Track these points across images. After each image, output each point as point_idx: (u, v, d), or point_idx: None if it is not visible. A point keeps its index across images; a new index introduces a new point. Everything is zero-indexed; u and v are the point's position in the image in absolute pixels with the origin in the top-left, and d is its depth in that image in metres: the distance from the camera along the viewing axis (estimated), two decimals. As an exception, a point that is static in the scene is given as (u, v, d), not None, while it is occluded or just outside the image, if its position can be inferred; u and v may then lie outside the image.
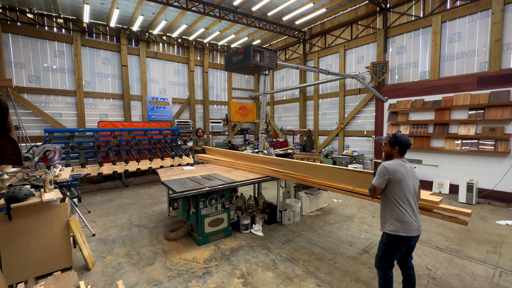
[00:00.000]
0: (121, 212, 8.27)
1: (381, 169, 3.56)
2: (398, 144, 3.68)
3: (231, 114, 18.27)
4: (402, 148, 3.68)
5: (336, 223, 7.21)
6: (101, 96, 13.09)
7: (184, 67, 16.09)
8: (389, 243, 3.58)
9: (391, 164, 3.56)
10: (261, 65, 7.40)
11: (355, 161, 12.70)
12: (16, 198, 4.24)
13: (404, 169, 3.58)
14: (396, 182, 3.51)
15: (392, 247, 3.58)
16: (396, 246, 3.56)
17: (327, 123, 15.04)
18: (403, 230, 3.48)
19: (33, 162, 5.92)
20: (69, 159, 9.74)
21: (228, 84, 18.25)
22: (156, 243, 6.13)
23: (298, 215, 7.42)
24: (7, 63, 10.86)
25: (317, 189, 8.27)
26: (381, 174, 3.55)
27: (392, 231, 3.52)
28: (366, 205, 8.71)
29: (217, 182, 6.20)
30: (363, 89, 12.96)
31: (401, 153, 3.71)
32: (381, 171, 3.56)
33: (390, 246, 3.58)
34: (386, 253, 3.63)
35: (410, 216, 3.50)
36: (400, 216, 3.50)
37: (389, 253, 3.62)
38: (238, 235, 6.48)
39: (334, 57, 14.33)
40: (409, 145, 3.67)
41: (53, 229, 4.68)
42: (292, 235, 6.47)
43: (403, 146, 3.67)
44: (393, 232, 3.52)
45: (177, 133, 13.45)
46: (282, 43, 17.07)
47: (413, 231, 3.49)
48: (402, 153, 3.71)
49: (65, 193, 5.34)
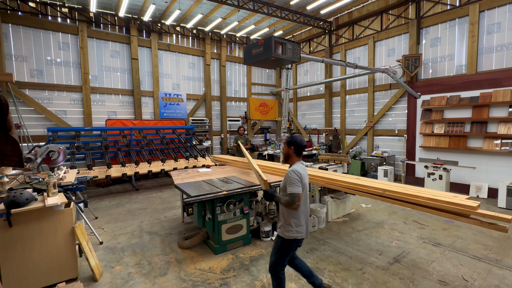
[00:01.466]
0: (131, 218, 8.32)
1: (293, 176, 3.78)
2: (293, 144, 4.01)
3: (250, 112, 18.24)
4: (297, 149, 4.02)
5: (364, 230, 7.22)
6: (109, 92, 13.23)
7: (200, 61, 16.13)
8: (287, 247, 3.94)
9: (298, 169, 3.86)
10: (283, 58, 7.38)
11: (385, 163, 12.72)
12: (17, 202, 4.26)
13: (305, 172, 3.98)
14: (303, 187, 3.85)
15: (290, 250, 3.97)
16: (293, 249, 3.98)
17: (355, 121, 14.98)
18: (299, 233, 3.90)
19: (35, 164, 5.99)
20: (75, 161, 9.85)
21: (248, 79, 18.22)
22: (169, 251, 6.14)
23: (324, 221, 7.42)
24: (7, 56, 10.96)
25: (344, 193, 8.25)
26: (296, 181, 3.76)
27: (290, 236, 3.88)
28: (398, 211, 8.70)
29: (235, 185, 6.20)
30: (394, 84, 12.90)
31: (297, 154, 4.05)
32: (295, 177, 3.78)
33: (288, 250, 3.96)
34: (282, 257, 3.98)
35: (306, 218, 3.99)
36: (300, 220, 3.91)
37: (285, 257, 3.99)
38: (258, 243, 6.48)
39: (363, 49, 14.28)
40: (303, 145, 4.03)
41: (57, 236, 4.69)
42: (316, 243, 6.46)
43: (298, 146, 4.01)
44: (292, 237, 3.88)
45: (191, 132, 13.49)
46: (306, 35, 16.93)
47: (304, 233, 3.97)
48: (298, 154, 4.05)
49: (70, 198, 5.38)
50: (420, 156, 11.73)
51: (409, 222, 7.72)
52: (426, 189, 4.94)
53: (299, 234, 3.90)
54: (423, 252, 5.96)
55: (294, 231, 3.87)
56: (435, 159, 10.43)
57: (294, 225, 3.88)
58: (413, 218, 7.99)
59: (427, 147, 11.44)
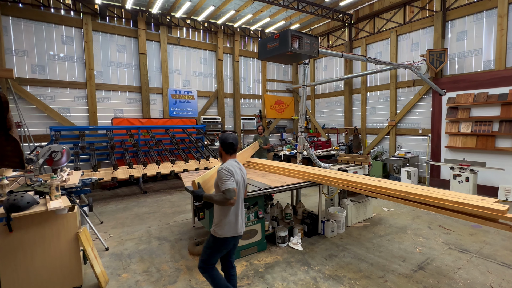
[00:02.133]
0: (139, 222, 8.33)
1: (223, 173, 3.89)
2: (220, 142, 4.22)
3: (265, 110, 18.22)
4: (224, 147, 4.17)
5: (386, 235, 7.24)
6: (115, 89, 13.30)
7: (212, 56, 16.15)
8: (219, 246, 4.08)
9: (227, 166, 3.97)
10: (300, 53, 7.33)
11: (408, 164, 12.70)
12: (18, 206, 4.25)
13: (237, 170, 4.09)
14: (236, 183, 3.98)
15: (221, 249, 4.10)
16: (224, 248, 4.11)
17: (376, 119, 14.97)
18: (231, 231, 4.05)
19: (37, 165, 5.98)
20: (79, 162, 9.92)
21: (262, 75, 18.21)
22: (179, 258, 6.13)
23: (343, 226, 7.46)
24: (7, 50, 11.01)
25: (364, 196, 8.25)
26: (227, 177, 3.86)
27: (223, 234, 4.02)
28: (422, 215, 8.69)
29: (249, 188, 6.15)
30: (418, 80, 12.86)
31: (225, 151, 4.19)
32: (225, 173, 3.88)
33: (219, 249, 4.10)
34: (212, 256, 4.11)
35: (239, 217, 4.14)
36: (232, 218, 4.05)
37: (215, 256, 4.12)
38: (273, 249, 6.49)
39: (384, 43, 14.30)
40: (227, 142, 4.14)
41: (60, 242, 4.68)
42: (336, 249, 6.47)
43: (223, 144, 4.17)
44: (223, 236, 4.02)
45: (203, 131, 13.49)
46: (325, 28, 16.91)
47: (238, 230, 4.12)
48: (226, 151, 4.19)
49: (74, 201, 5.37)
50: (446, 156, 11.67)
51: (434, 227, 7.72)
52: (452, 192, 4.92)
53: (231, 232, 4.05)
54: (448, 258, 5.95)
55: (225, 229, 4.02)
56: (462, 160, 10.43)
57: (226, 223, 4.02)
58: (438, 223, 7.98)
59: (453, 147, 11.40)
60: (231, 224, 4.04)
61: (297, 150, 9.70)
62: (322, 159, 11.72)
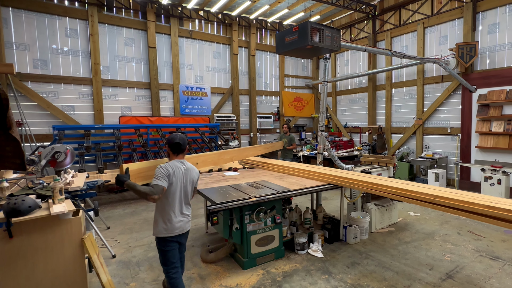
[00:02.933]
0: (148, 228, 8.35)
1: (159, 170, 4.24)
2: (167, 143, 4.56)
3: (283, 107, 18.23)
4: (171, 147, 4.52)
5: (413, 241, 7.27)
6: (123, 85, 13.38)
7: (226, 49, 16.19)
8: (161, 245, 4.36)
9: (168, 165, 4.33)
10: (321, 46, 7.33)
11: (436, 165, 12.64)
12: (18, 210, 4.23)
13: (179, 169, 4.39)
14: (172, 184, 4.29)
15: (165, 249, 4.35)
16: (166, 247, 4.34)
17: (402, 118, 15.03)
18: (167, 232, 4.31)
19: (39, 167, 6.00)
20: (84, 163, 9.98)
21: (280, 70, 18.22)
22: (191, 266, 6.15)
23: (366, 231, 7.49)
24: (7, 44, 11.06)
25: (389, 199, 8.28)
26: (161, 175, 4.20)
27: (156, 233, 4.35)
28: (450, 220, 8.70)
29: (266, 191, 6.19)
30: (447, 76, 12.90)
31: (172, 151, 4.54)
32: (160, 171, 4.22)
33: (163, 248, 4.36)
34: (163, 256, 4.39)
35: (177, 217, 4.36)
36: (170, 217, 4.32)
37: (165, 256, 4.37)
38: (292, 256, 6.52)
39: (411, 36, 14.36)
40: (173, 143, 4.48)
41: (64, 249, 4.66)
42: (358, 256, 6.50)
43: (171, 145, 4.51)
44: (157, 235, 4.35)
45: (216, 130, 13.49)
46: (347, 20, 16.94)
47: (176, 230, 4.35)
48: (173, 151, 4.53)
49: (78, 205, 5.35)
50: (476, 157, 11.67)
51: (464, 232, 7.74)
52: (483, 195, 4.91)
53: (167, 232, 4.31)
54: (479, 266, 5.96)
55: (162, 228, 4.30)
56: (493, 161, 10.44)
57: (161, 222, 4.32)
58: (468, 228, 7.99)
59: (484, 148, 11.37)
60: (168, 222, 4.31)
61: (317, 151, 9.74)
62: (344, 160, 11.66)
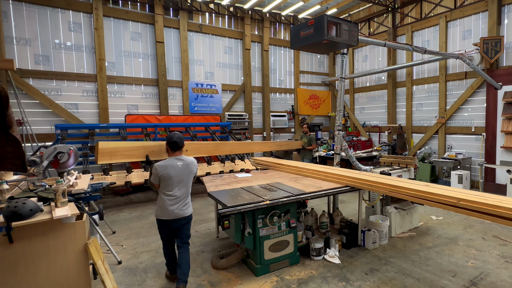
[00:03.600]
0: (156, 232, 8.21)
1: (156, 168, 5.40)
2: (166, 141, 5.64)
3: (298, 105, 18.25)
4: (170, 145, 5.57)
5: (435, 247, 7.28)
6: (129, 82, 13.43)
7: (237, 44, 16.21)
8: (158, 225, 5.69)
9: (160, 163, 5.45)
10: (338, 41, 7.39)
11: (459, 167, 12.67)
12: (19, 214, 4.24)
13: (173, 166, 5.43)
14: (165, 178, 5.38)
15: (160, 228, 5.67)
16: (161, 227, 5.65)
17: (423, 116, 15.11)
18: (159, 215, 5.52)
19: (41, 168, 6.02)
20: (88, 164, 10.04)
21: (295, 66, 18.22)
22: (201, 273, 6.19)
23: (386, 236, 7.51)
24: (7, 38, 11.05)
25: (410, 202, 8.27)
26: (153, 175, 5.46)
27: (156, 216, 5.58)
28: (475, 224, 8.71)
29: (280, 193, 6.24)
30: (470, 72, 12.88)
31: (171, 149, 5.59)
32: (153, 171, 5.44)
33: (159, 227, 5.69)
34: (160, 234, 5.77)
35: (166, 205, 5.43)
36: (163, 204, 5.45)
37: (160, 234, 5.76)
38: (307, 262, 6.53)
39: (433, 30, 14.39)
40: (171, 141, 5.53)
41: (67, 255, 4.67)
42: (378, 262, 6.52)
43: (170, 143, 5.56)
44: (157, 217, 5.58)
45: (228, 130, 13.50)
46: (365, 13, 16.96)
47: (163, 215, 5.47)
48: (172, 149, 5.58)
49: (82, 208, 5.37)
50: (502, 158, 11.63)
51: (489, 237, 7.74)
52: (509, 198, 4.83)
53: (159, 215, 5.52)
54: (505, 273, 5.97)
55: (158, 212, 5.54)
56: None
57: (158, 207, 5.56)
58: (493, 233, 7.99)
59: (510, 148, 11.32)
60: (162, 208, 5.45)
61: (334, 151, 9.82)
62: (362, 161, 11.69)
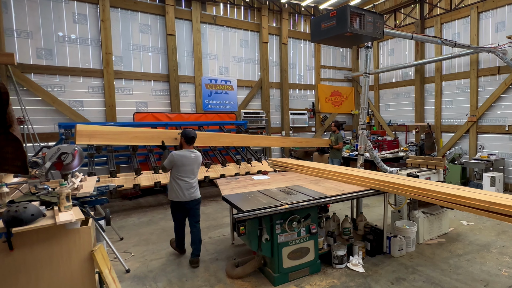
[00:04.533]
0: (166, 239, 8.37)
1: (169, 156, 6.85)
2: (183, 136, 7.06)
3: (319, 103, 18.24)
4: (186, 139, 7.03)
5: (465, 254, 7.29)
6: (138, 78, 13.48)
7: (254, 37, 16.21)
8: (171, 206, 7.18)
9: (177, 152, 6.90)
10: (362, 34, 7.44)
11: (492, 168, 12.68)
12: (20, 219, 4.24)
13: (186, 156, 6.90)
14: (179, 166, 6.83)
15: (172, 209, 7.16)
16: (173, 208, 7.14)
17: (453, 114, 15.20)
18: (172, 197, 7.00)
19: (44, 170, 6.04)
20: (94, 165, 10.08)
21: (316, 61, 18.21)
22: (215, 282, 6.20)
23: (413, 243, 7.54)
24: (7, 31, 11.01)
25: (439, 207, 8.29)
26: (168, 160, 6.84)
27: (169, 198, 7.09)
28: (508, 229, 8.70)
29: (300, 197, 6.24)
30: (504, 67, 12.76)
31: (187, 143, 7.06)
32: (169, 157, 6.84)
33: (172, 209, 7.17)
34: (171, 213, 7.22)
35: (182, 189, 6.87)
36: (174, 187, 6.90)
37: (172, 214, 7.20)
38: (329, 271, 6.54)
39: (463, 22, 14.35)
40: (189, 136, 7.03)
41: (71, 263, 4.67)
42: (404, 271, 6.53)
43: (186, 137, 7.02)
44: (169, 198, 7.09)
45: (244, 128, 13.47)
46: (391, 4, 16.94)
47: (179, 198, 6.88)
48: (187, 143, 7.06)
49: (88, 213, 5.37)
50: None
51: None
52: None
53: (172, 197, 7.02)
54: None
55: (170, 194, 7.04)
56: None
57: (170, 189, 7.05)
58: None
59: None
60: (173, 191, 6.93)
61: (358, 152, 9.95)
62: (388, 162, 11.75)
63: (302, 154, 15.72)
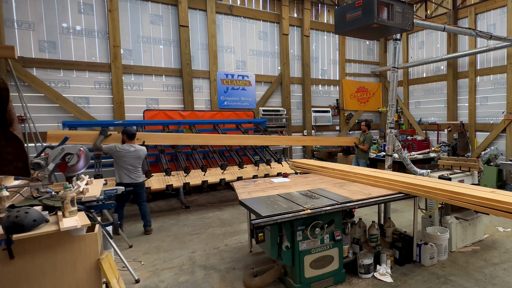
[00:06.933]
0: (179, 246, 8.44)
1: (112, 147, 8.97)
2: (126, 133, 9.10)
3: (344, 99, 18.25)
4: (128, 136, 9.08)
5: (502, 263, 7.24)
6: (148, 72, 13.51)
7: (274, 29, 16.22)
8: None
9: (120, 146, 8.94)
10: (390, 25, 7.34)
11: None
12: (21, 225, 4.24)
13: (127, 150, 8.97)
14: (119, 156, 8.91)
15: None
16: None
17: (488, 112, 15.17)
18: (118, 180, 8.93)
19: (46, 172, 6.05)
20: (100, 167, 10.16)
21: (340, 54, 18.20)
22: None
23: (445, 251, 7.51)
24: (7, 22, 10.96)
25: (474, 212, 8.25)
26: (110, 148, 8.98)
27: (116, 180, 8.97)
28: None
29: (323, 201, 6.23)
30: None
31: (128, 138, 9.08)
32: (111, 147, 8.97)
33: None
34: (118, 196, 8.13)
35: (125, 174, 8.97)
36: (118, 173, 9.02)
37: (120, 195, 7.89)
38: (354, 281, 6.54)
39: (499, 13, 14.35)
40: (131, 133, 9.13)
41: (76, 272, 4.67)
42: (436, 281, 6.50)
43: (129, 135, 9.09)
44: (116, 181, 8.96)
45: (262, 127, 13.45)
46: None
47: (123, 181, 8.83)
48: (129, 138, 9.09)
49: (94, 219, 5.37)
50: None
51: None
52: None
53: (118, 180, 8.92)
54: None
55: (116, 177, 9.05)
56: None
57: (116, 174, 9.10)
58: None
59: None
60: (118, 175, 8.97)
61: (386, 152, 9.92)
62: (418, 163, 11.69)
63: (326, 155, 15.69)
